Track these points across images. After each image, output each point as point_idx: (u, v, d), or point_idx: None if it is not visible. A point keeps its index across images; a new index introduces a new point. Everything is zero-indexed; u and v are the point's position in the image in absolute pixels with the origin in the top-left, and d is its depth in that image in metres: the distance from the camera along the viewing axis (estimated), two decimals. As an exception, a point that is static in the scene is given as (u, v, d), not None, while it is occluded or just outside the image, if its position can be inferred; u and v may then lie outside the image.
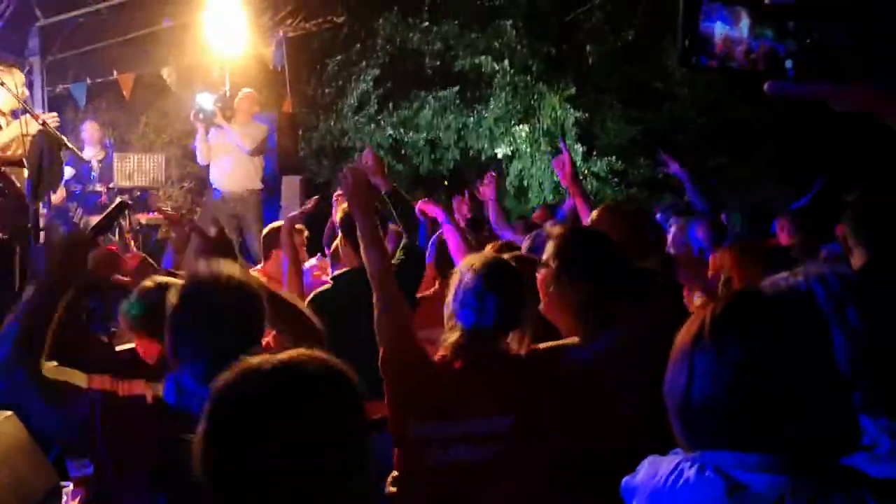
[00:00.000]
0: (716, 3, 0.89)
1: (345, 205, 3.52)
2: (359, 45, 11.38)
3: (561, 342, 2.27)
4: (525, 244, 3.39)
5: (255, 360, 1.27)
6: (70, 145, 4.63)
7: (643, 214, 3.30)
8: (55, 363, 2.05)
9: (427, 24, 11.21)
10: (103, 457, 1.94)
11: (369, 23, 11.31)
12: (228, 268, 2.02)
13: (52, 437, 2.23)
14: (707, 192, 5.47)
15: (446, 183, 13.20)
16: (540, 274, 2.37)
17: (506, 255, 3.59)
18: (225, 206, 6.97)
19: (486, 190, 5.07)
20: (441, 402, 2.21)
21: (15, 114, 5.19)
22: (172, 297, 1.95)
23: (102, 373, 2.58)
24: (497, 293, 2.22)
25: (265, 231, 4.56)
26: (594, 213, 3.06)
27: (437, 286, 3.75)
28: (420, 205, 3.81)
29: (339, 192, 4.28)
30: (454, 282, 2.30)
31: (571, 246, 2.33)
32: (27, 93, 5.33)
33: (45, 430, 2.16)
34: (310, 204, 4.41)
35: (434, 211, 3.67)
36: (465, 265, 2.32)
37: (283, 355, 1.29)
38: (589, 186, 11.10)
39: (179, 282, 2.65)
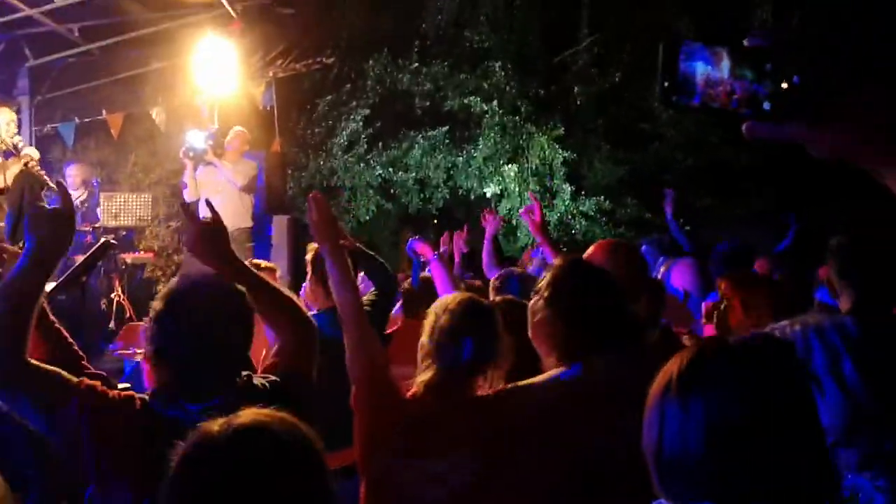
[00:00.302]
0: (698, 43, 0.89)
1: (314, 244, 3.52)
2: (349, 86, 11.46)
3: (532, 380, 2.23)
4: (493, 283, 3.37)
5: (213, 426, 1.24)
6: (52, 185, 4.59)
7: (638, 253, 3.23)
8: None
9: (417, 65, 11.33)
10: (88, 462, 1.84)
11: (359, 64, 11.42)
12: (216, 272, 2.00)
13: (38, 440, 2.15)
14: (691, 235, 5.50)
15: (436, 222, 13.23)
16: (532, 299, 2.34)
17: (497, 299, 3.57)
18: None
19: (489, 226, 5.00)
20: (411, 440, 2.17)
21: (6, 154, 5.20)
22: (156, 303, 1.89)
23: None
24: (472, 333, 2.21)
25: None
26: (590, 249, 3.01)
27: (400, 323, 3.77)
28: (411, 244, 3.85)
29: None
30: (429, 321, 2.28)
31: (568, 277, 2.29)
32: (15, 130, 5.29)
33: (32, 432, 2.06)
34: None
35: (423, 249, 3.69)
36: (441, 305, 2.31)
37: (244, 418, 1.25)
38: (577, 226, 11.15)
39: None
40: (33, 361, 1.85)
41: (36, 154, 5.44)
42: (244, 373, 1.96)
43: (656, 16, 11.30)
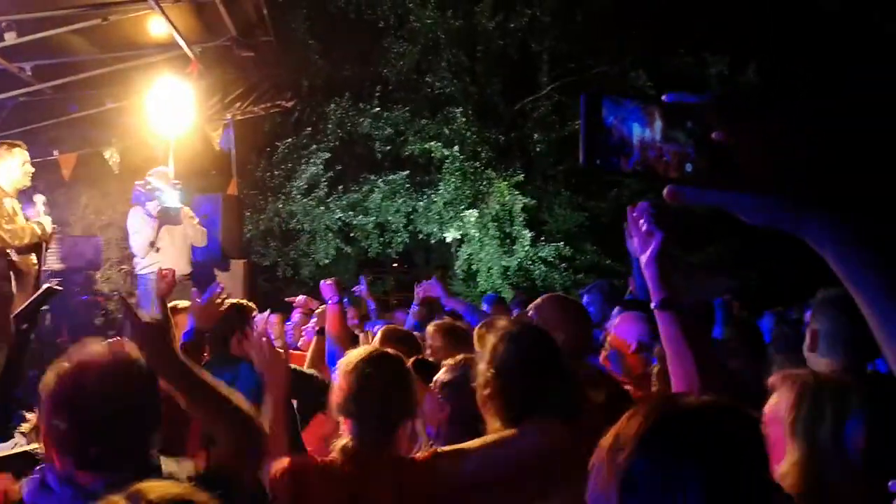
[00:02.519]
0: (633, 102, 0.83)
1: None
2: (309, 129, 11.46)
3: (466, 444, 2.15)
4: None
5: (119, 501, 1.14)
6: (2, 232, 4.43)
7: (586, 311, 3.14)
8: None
9: (378, 109, 11.39)
10: None
11: (320, 107, 11.43)
12: (126, 349, 1.78)
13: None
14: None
15: (395, 265, 13.15)
16: (479, 366, 2.27)
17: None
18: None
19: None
20: None
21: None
22: (49, 378, 1.70)
23: None
24: (378, 395, 2.12)
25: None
26: (539, 301, 2.94)
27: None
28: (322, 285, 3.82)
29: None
30: (336, 382, 2.19)
31: (509, 342, 2.22)
32: (31, 170, 5.29)
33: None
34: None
35: (327, 291, 3.62)
36: (343, 365, 2.21)
37: (155, 494, 1.16)
38: (537, 272, 11.17)
39: None
40: None
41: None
42: (153, 464, 1.77)
43: (613, 66, 11.56)
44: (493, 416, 2.18)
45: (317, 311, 4.63)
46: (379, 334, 3.47)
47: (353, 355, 2.24)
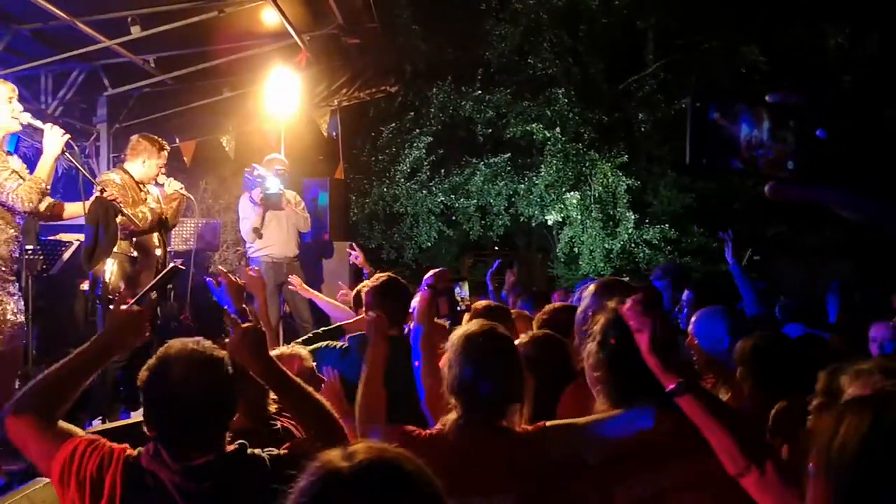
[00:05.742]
0: (739, 103, 0.84)
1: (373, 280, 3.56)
2: (412, 113, 11.62)
3: (576, 420, 2.16)
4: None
5: (335, 457, 1.19)
6: (126, 212, 4.74)
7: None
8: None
9: (479, 92, 11.41)
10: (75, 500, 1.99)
11: (423, 91, 11.56)
12: (205, 344, 2.07)
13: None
14: (756, 284, 5.28)
15: (496, 249, 13.19)
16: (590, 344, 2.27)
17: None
18: (275, 274, 6.96)
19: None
20: (449, 478, 2.13)
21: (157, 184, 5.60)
22: (142, 373, 2.02)
23: None
24: (493, 375, 2.15)
25: (354, 292, 4.59)
26: (591, 287, 2.82)
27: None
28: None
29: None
30: (449, 353, 2.23)
31: (619, 323, 2.16)
32: (162, 174, 5.56)
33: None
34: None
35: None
36: (458, 339, 2.23)
37: (367, 453, 1.21)
38: (641, 254, 10.95)
39: None
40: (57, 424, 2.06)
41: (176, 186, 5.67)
42: (238, 442, 2.04)
43: (723, 41, 11.12)
44: (602, 396, 2.17)
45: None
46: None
47: (467, 331, 2.26)
